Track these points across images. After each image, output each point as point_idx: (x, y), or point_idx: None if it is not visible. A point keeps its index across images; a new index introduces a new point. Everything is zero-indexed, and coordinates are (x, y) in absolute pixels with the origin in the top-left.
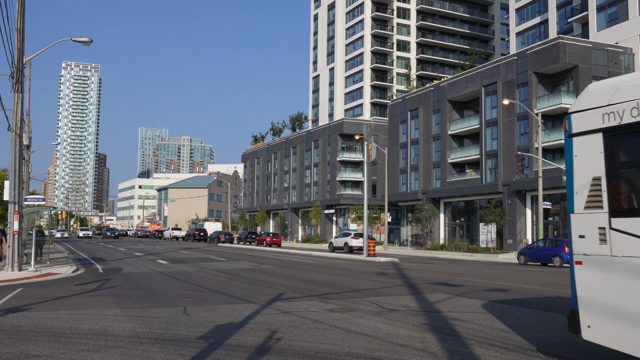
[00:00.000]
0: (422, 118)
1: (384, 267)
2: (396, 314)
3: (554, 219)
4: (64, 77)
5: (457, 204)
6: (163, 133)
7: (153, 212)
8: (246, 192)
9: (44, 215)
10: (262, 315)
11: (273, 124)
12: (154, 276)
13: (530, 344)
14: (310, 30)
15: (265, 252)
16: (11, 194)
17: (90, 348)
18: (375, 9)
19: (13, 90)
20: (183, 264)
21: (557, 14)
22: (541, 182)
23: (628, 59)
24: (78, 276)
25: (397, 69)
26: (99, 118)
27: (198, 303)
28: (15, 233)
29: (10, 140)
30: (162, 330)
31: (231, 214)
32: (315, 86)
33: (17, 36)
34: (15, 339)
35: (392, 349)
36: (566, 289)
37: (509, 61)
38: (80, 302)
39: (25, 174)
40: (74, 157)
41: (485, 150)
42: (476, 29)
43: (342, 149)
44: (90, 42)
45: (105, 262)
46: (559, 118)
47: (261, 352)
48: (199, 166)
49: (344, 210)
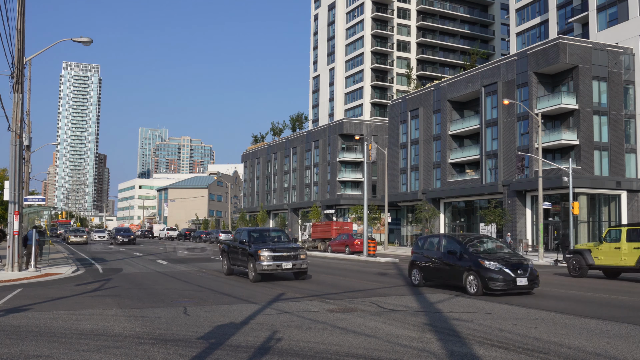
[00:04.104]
0: (422, 118)
1: (384, 268)
2: (396, 314)
3: (554, 219)
4: (64, 77)
5: (457, 204)
6: (163, 133)
7: (153, 212)
8: (246, 192)
9: (44, 215)
10: (263, 316)
11: (273, 124)
12: (154, 276)
13: (530, 344)
14: (310, 31)
15: None
16: (11, 194)
17: (90, 348)
18: (376, 9)
19: (13, 90)
20: (183, 264)
21: (557, 14)
22: (541, 182)
23: (628, 59)
24: (78, 276)
25: (397, 69)
26: (99, 118)
27: (198, 303)
28: (15, 233)
29: (10, 140)
30: (162, 331)
31: (231, 214)
32: (316, 86)
33: (17, 36)
34: (16, 339)
35: (393, 349)
36: (571, 289)
37: (509, 61)
38: (81, 303)
39: (25, 174)
40: (74, 157)
41: (485, 151)
42: (476, 29)
43: (342, 149)
44: (90, 42)
45: (106, 263)
46: (559, 118)
47: (261, 352)
48: (199, 166)
49: (344, 211)
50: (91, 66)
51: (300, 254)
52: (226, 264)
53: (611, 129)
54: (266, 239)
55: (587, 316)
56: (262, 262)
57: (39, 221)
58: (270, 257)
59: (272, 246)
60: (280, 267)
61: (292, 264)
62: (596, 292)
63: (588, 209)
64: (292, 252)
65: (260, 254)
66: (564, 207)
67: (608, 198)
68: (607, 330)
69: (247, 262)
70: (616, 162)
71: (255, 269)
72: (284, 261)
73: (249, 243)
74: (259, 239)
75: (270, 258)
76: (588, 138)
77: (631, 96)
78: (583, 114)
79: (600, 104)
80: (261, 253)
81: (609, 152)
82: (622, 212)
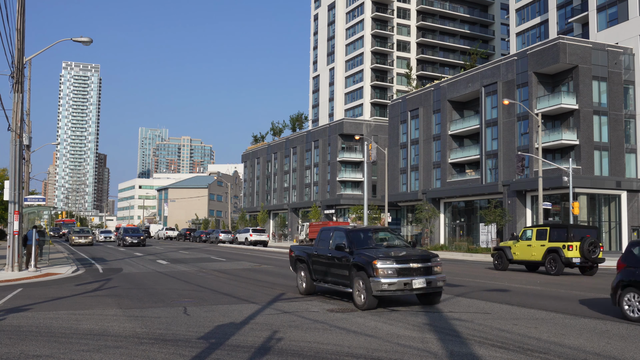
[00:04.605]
0: (422, 118)
1: None
2: (396, 314)
3: (554, 219)
4: (64, 77)
5: (457, 204)
6: (163, 133)
7: (153, 212)
8: (246, 192)
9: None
10: (263, 316)
11: (273, 124)
12: (154, 276)
13: (530, 344)
14: (310, 31)
15: (265, 252)
16: (11, 194)
17: (90, 348)
18: (376, 9)
19: (13, 90)
20: (183, 264)
21: (557, 14)
22: (541, 182)
23: (628, 59)
24: (78, 276)
25: (397, 69)
26: (99, 118)
27: (198, 303)
28: (15, 233)
29: (10, 140)
30: (162, 331)
31: (231, 214)
32: (316, 86)
33: (17, 36)
34: (16, 339)
35: (393, 349)
36: (567, 289)
37: (509, 61)
38: (81, 302)
39: (25, 174)
40: (74, 157)
41: (485, 151)
42: (476, 29)
43: (342, 149)
44: (90, 42)
45: (106, 262)
46: (559, 118)
47: (262, 352)
48: (199, 166)
49: (344, 211)
50: (91, 66)
51: (435, 265)
52: (306, 279)
53: (611, 129)
54: (374, 242)
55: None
56: (380, 279)
57: (39, 221)
58: (393, 271)
59: (391, 253)
60: (410, 285)
61: (425, 282)
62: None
63: (588, 209)
64: (424, 261)
65: (378, 266)
66: (564, 207)
67: (608, 198)
68: (607, 330)
69: (352, 278)
70: (616, 162)
71: (369, 288)
72: (414, 277)
73: (349, 248)
74: (363, 242)
75: (394, 272)
76: (588, 138)
77: (631, 96)
78: (583, 114)
79: (600, 104)
80: (378, 264)
81: (609, 152)
82: (622, 212)
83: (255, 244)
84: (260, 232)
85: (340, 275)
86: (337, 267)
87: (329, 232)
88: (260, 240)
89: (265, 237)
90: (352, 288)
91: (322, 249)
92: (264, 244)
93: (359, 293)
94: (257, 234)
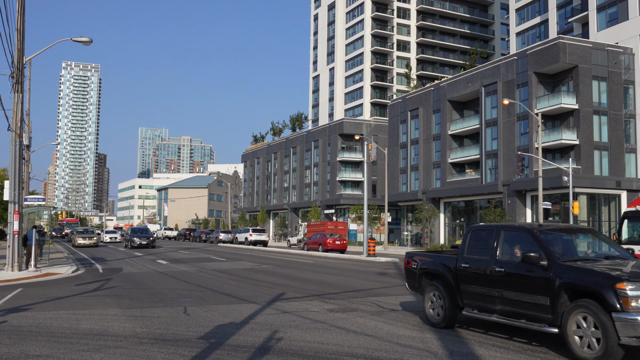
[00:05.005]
0: (422, 118)
1: (384, 267)
2: (396, 313)
3: (554, 219)
4: (64, 77)
5: (457, 204)
6: (163, 133)
7: (153, 212)
8: (246, 192)
9: (44, 215)
10: (263, 315)
11: (273, 124)
12: (154, 276)
13: (530, 345)
14: (310, 30)
15: (265, 252)
16: (11, 194)
17: (90, 348)
18: (375, 9)
19: (13, 90)
20: (183, 264)
21: (557, 14)
22: (541, 182)
23: (628, 59)
24: (78, 276)
25: (397, 69)
26: (99, 118)
27: (198, 303)
28: (15, 233)
29: (10, 140)
30: (162, 331)
31: (231, 214)
32: (315, 86)
33: (17, 36)
34: (15, 339)
35: (393, 348)
36: None
37: (509, 61)
38: (81, 302)
39: (25, 174)
40: (74, 157)
41: (485, 150)
42: (476, 29)
43: (342, 149)
44: (90, 42)
45: (106, 262)
46: (559, 118)
47: (262, 352)
48: (199, 166)
49: (344, 210)
50: (91, 66)
51: None
52: (443, 304)
53: (611, 129)
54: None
55: None
56: (636, 316)
57: (39, 221)
58: None
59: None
60: None
61: None
62: None
63: (588, 208)
64: None
65: (628, 293)
66: (564, 206)
67: (608, 198)
68: None
69: (560, 311)
70: (616, 162)
71: (610, 331)
72: None
73: (547, 260)
74: (566, 251)
75: None
76: (588, 138)
77: (631, 96)
78: (583, 113)
79: (600, 103)
80: (629, 290)
81: (609, 152)
82: (622, 212)
83: (255, 244)
84: (260, 232)
85: (528, 303)
86: (521, 289)
87: (490, 233)
88: (260, 240)
89: (265, 237)
90: (564, 327)
91: (478, 260)
92: (263, 243)
93: (584, 338)
94: (257, 233)
